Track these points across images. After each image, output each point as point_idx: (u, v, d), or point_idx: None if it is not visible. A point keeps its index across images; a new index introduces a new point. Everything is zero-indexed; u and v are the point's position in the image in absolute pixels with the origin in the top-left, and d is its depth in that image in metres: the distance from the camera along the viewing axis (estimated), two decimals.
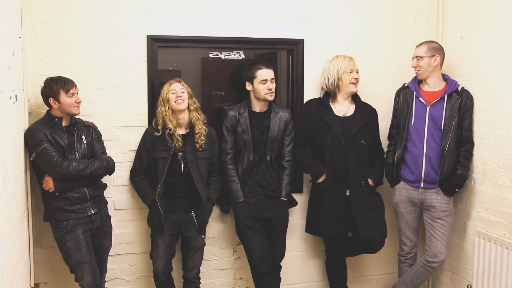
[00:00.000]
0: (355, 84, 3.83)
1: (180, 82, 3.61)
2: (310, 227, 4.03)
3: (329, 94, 3.92)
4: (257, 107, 3.83)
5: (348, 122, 3.85)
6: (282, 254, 3.95)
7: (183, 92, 3.56)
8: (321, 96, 3.97)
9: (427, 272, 3.85)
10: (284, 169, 3.90)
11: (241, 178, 3.81)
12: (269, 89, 3.72)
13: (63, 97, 3.27)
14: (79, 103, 3.34)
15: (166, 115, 3.54)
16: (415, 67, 3.74)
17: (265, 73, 3.71)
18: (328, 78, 3.88)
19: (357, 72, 3.84)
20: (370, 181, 3.91)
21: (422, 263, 3.85)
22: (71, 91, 3.28)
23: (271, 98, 3.76)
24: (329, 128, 3.81)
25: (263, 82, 3.71)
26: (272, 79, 3.74)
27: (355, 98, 3.95)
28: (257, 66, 3.74)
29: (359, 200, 3.83)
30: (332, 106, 3.89)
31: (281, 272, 3.96)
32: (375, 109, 4.02)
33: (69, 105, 3.29)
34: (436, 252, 3.75)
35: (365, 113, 3.91)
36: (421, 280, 3.92)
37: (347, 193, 3.83)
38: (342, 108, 3.90)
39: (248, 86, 3.78)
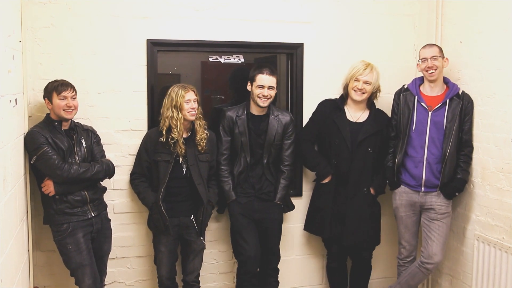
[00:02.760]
0: (357, 92, 3.78)
1: (194, 91, 3.56)
2: (310, 226, 4.04)
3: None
4: (255, 109, 3.82)
5: (358, 129, 3.84)
6: (277, 257, 3.94)
7: (195, 102, 3.55)
8: (338, 97, 3.96)
9: (421, 274, 3.83)
10: (282, 173, 3.89)
11: (236, 180, 3.80)
12: (263, 96, 3.68)
13: (54, 98, 3.27)
14: (70, 107, 3.30)
15: (176, 124, 3.49)
16: (430, 67, 3.66)
17: (264, 79, 3.68)
18: (344, 80, 3.90)
19: (365, 83, 3.76)
20: (371, 190, 3.90)
21: (417, 264, 3.84)
22: (62, 94, 3.27)
23: (262, 104, 3.71)
24: (339, 131, 3.81)
25: (260, 87, 3.69)
26: (271, 86, 3.69)
27: (369, 104, 3.92)
28: (261, 70, 3.70)
29: (356, 207, 3.83)
30: (346, 109, 3.89)
31: (280, 276, 3.97)
32: (389, 117, 3.98)
33: (59, 107, 3.27)
34: (431, 253, 3.74)
35: (377, 121, 3.88)
36: (416, 281, 3.90)
37: (348, 198, 3.83)
38: (356, 113, 3.88)
39: (248, 86, 3.78)
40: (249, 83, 3.77)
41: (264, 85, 3.68)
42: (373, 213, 3.93)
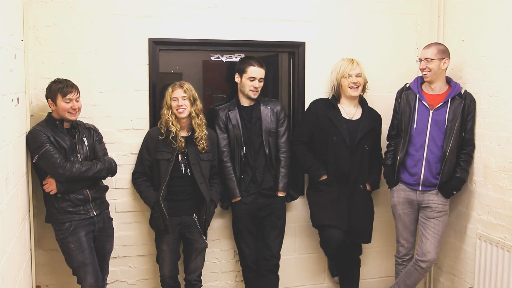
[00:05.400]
0: (353, 88, 3.81)
1: (182, 87, 3.58)
2: (317, 219, 3.89)
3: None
4: (245, 101, 3.84)
5: (355, 126, 3.85)
6: (278, 254, 3.91)
7: (184, 99, 3.55)
8: (330, 97, 3.96)
9: (416, 272, 3.82)
10: (279, 162, 3.89)
11: (237, 175, 3.81)
12: (255, 88, 3.75)
13: (59, 100, 3.26)
14: (75, 109, 3.31)
15: (169, 120, 3.56)
16: (423, 69, 3.67)
17: (255, 71, 3.74)
18: (331, 81, 3.92)
19: (357, 76, 3.81)
20: (368, 186, 3.92)
21: (413, 262, 3.85)
22: (68, 96, 3.26)
23: (254, 96, 3.79)
24: (336, 129, 3.81)
25: (251, 79, 3.73)
26: (261, 78, 3.76)
27: (361, 102, 3.95)
28: (250, 62, 3.76)
29: (357, 205, 3.84)
30: (340, 107, 3.89)
31: (282, 275, 3.99)
32: (380, 115, 4.02)
33: (63, 110, 3.27)
34: (425, 251, 3.74)
35: (371, 118, 3.92)
36: (413, 280, 3.87)
37: (348, 196, 3.83)
38: (350, 110, 3.89)
39: (237, 78, 3.81)
40: (237, 75, 3.80)
41: (256, 77, 3.74)
42: (370, 209, 3.97)
